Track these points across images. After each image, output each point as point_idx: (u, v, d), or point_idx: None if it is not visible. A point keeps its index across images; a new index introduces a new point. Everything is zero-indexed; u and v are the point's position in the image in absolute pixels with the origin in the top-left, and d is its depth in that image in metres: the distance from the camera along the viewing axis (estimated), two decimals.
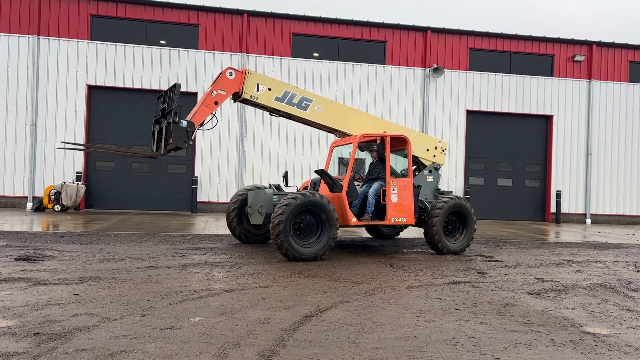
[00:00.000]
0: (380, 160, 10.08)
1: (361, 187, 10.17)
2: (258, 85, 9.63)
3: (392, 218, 9.72)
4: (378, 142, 9.93)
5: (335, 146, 10.77)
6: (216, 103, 9.31)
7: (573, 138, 20.69)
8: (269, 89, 9.72)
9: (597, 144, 20.79)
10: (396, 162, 11.04)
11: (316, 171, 9.57)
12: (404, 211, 9.82)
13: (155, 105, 9.56)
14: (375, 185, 9.85)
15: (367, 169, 11.54)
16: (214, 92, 9.29)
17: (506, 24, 44.94)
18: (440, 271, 8.54)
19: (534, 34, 20.47)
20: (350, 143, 9.96)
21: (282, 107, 9.83)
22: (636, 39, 39.98)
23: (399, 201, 9.77)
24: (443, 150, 11.19)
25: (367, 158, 11.78)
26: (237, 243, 10.74)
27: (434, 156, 11.02)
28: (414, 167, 11.00)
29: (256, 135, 18.40)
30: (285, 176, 10.65)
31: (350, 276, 7.81)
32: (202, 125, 9.32)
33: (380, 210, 9.83)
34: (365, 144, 10.62)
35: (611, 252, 11.83)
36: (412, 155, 10.48)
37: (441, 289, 7.21)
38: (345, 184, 9.39)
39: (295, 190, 12.26)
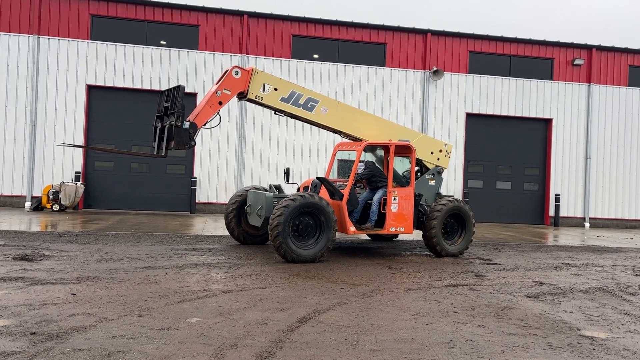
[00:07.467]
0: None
1: (362, 194, 10.15)
2: (264, 85, 9.43)
3: (390, 227, 9.76)
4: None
5: (339, 150, 10.75)
6: (220, 103, 9.09)
7: (572, 142, 20.70)
8: (275, 89, 9.51)
9: (596, 147, 20.80)
10: (401, 164, 11.00)
11: (317, 178, 9.57)
12: (403, 221, 9.85)
13: (158, 101, 9.38)
14: (379, 193, 9.85)
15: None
16: (219, 92, 9.07)
17: (506, 27, 44.95)
18: (439, 274, 8.54)
19: (534, 38, 20.47)
20: (354, 150, 9.94)
21: (288, 108, 9.66)
22: (635, 43, 39.98)
23: (398, 210, 9.78)
24: (448, 154, 11.08)
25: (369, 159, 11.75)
26: (235, 244, 10.73)
27: (438, 159, 10.92)
28: (417, 168, 10.95)
29: (255, 137, 18.39)
30: (287, 172, 10.64)
31: (348, 278, 7.81)
32: (204, 124, 9.22)
33: (380, 218, 9.84)
34: (370, 147, 10.60)
35: (610, 255, 11.83)
36: (416, 158, 10.45)
37: (439, 291, 7.20)
38: (346, 192, 9.37)
39: (295, 188, 12.23)
